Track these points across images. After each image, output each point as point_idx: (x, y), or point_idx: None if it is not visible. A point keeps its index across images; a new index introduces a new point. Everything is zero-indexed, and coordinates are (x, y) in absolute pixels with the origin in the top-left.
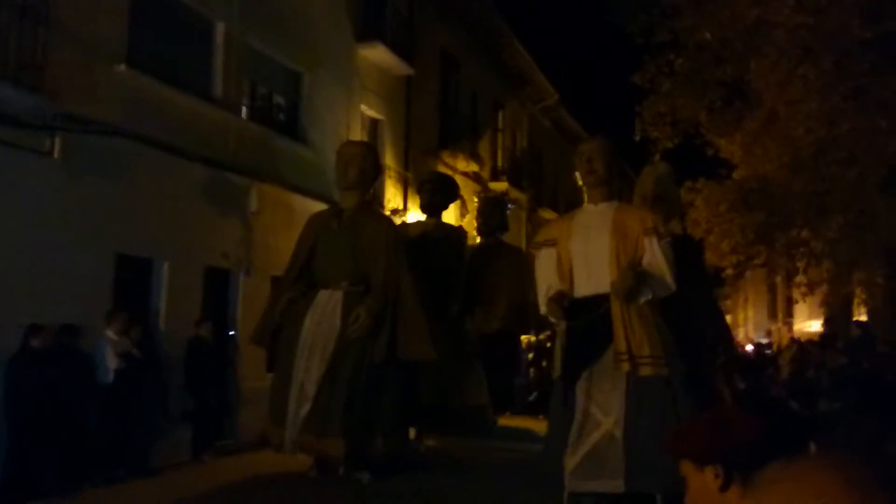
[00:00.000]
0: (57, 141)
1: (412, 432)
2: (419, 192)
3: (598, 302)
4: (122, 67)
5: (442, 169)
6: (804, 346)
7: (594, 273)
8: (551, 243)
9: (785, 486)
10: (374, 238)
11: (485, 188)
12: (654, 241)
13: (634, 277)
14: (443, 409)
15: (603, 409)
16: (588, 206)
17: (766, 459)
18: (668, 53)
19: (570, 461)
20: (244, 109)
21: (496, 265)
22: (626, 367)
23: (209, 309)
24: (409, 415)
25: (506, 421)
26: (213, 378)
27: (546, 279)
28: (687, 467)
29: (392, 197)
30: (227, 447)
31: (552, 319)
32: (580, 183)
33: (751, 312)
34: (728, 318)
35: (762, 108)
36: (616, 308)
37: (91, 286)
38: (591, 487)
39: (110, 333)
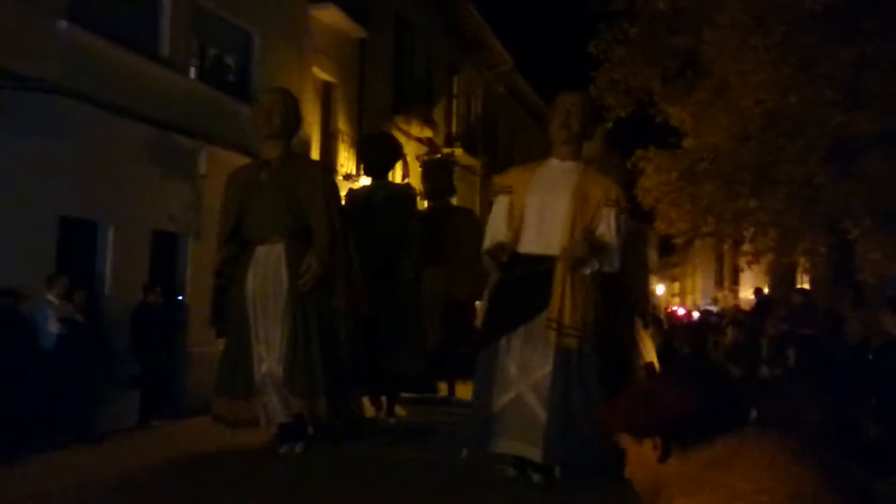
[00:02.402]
0: None
1: (373, 401)
2: (360, 153)
3: (543, 263)
4: (64, 23)
5: (395, 134)
6: (746, 314)
7: (545, 232)
8: (507, 190)
9: (724, 473)
10: (310, 185)
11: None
12: (613, 213)
13: (587, 247)
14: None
15: (524, 371)
16: (553, 161)
17: (704, 430)
18: (622, 22)
19: (482, 418)
20: (193, 70)
21: (445, 229)
22: (553, 335)
23: (157, 273)
24: (371, 382)
25: (461, 390)
26: (160, 343)
27: (494, 228)
28: (625, 439)
29: (345, 161)
30: (176, 413)
31: (489, 271)
32: (552, 137)
33: (699, 280)
34: (677, 285)
35: (713, 78)
36: (559, 273)
37: (32, 249)
38: (503, 448)
39: (51, 297)
